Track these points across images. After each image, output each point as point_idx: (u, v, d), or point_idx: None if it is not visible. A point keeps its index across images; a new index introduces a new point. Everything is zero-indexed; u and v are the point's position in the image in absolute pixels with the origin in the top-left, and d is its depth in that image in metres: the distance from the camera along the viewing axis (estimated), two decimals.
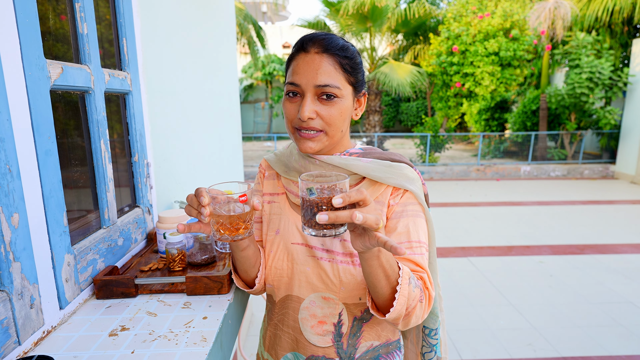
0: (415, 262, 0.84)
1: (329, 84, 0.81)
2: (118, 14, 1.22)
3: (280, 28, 18.72)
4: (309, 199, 0.65)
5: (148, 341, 0.82)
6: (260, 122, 18.15)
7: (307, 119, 0.82)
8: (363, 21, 10.27)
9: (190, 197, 0.76)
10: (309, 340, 0.91)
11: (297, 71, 0.83)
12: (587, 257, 4.41)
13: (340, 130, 0.86)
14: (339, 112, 0.84)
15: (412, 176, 0.90)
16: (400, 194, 0.89)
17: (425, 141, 9.95)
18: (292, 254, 0.91)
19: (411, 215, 0.87)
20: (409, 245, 0.85)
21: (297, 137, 0.86)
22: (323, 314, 0.89)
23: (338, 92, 0.82)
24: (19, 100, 0.78)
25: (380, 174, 0.88)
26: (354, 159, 0.90)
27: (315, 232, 0.66)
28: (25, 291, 0.78)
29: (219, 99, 2.48)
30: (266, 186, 1.02)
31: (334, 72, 0.82)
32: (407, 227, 0.86)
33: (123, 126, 1.29)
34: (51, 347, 0.80)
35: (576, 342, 2.78)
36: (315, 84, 0.81)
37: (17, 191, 0.77)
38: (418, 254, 0.84)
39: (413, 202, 0.88)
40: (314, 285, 0.88)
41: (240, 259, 0.90)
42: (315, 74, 0.81)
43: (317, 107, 0.83)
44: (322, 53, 0.82)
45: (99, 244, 1.06)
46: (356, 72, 0.86)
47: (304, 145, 0.85)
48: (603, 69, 8.53)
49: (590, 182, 8.89)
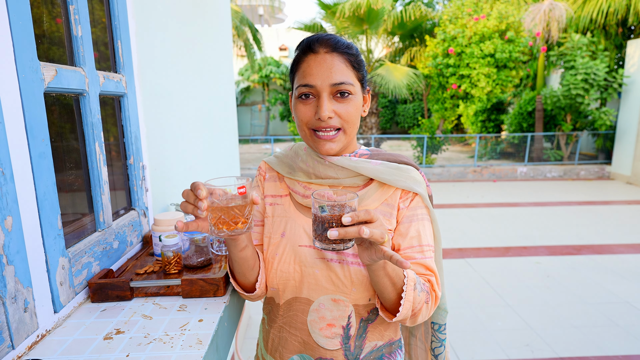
0: (426, 266, 0.87)
1: (344, 82, 0.83)
2: (113, 16, 1.22)
3: (277, 31, 18.75)
4: (321, 215, 0.69)
5: (143, 344, 0.81)
6: (257, 125, 18.16)
7: (327, 118, 0.82)
8: (359, 23, 10.29)
9: (186, 192, 0.72)
10: (317, 343, 0.90)
11: (310, 72, 0.84)
12: (584, 257, 4.42)
13: (356, 127, 0.88)
14: (355, 109, 0.86)
15: (419, 179, 0.92)
16: (410, 198, 0.90)
17: (422, 143, 9.98)
18: (300, 256, 0.89)
19: (420, 219, 0.89)
20: (420, 250, 0.88)
21: (315, 139, 0.87)
22: (332, 316, 0.89)
23: (352, 89, 0.84)
24: (13, 103, 0.78)
25: (389, 177, 0.89)
26: (363, 160, 0.90)
27: (325, 246, 0.71)
28: (19, 295, 0.78)
29: (215, 101, 2.48)
30: (267, 188, 1.00)
31: (345, 70, 0.84)
32: (418, 232, 0.88)
33: (118, 129, 1.29)
34: (45, 351, 0.80)
35: (573, 343, 2.79)
36: (332, 82, 0.82)
37: (11, 194, 0.76)
38: (428, 258, 0.88)
39: (421, 205, 0.91)
40: (323, 287, 0.88)
41: (238, 260, 0.88)
42: (330, 73, 0.82)
43: (334, 106, 0.84)
44: (331, 52, 0.84)
45: (94, 247, 1.05)
46: (362, 68, 0.88)
47: (324, 147, 0.86)
48: (598, 70, 8.58)
49: (586, 183, 8.93)
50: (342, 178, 0.90)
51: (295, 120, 0.89)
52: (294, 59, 0.90)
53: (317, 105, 0.84)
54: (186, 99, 1.91)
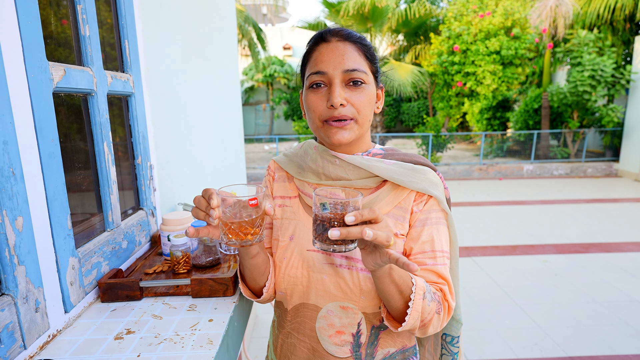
0: (438, 273, 0.82)
1: (357, 69, 0.80)
2: (120, 16, 1.22)
3: (281, 30, 18.75)
4: (322, 214, 0.66)
5: (154, 344, 0.81)
6: (262, 124, 18.17)
7: (339, 105, 0.79)
8: (363, 22, 10.27)
9: (197, 199, 0.72)
10: (327, 350, 0.87)
11: (322, 59, 0.81)
12: (592, 255, 4.38)
13: (368, 119, 0.85)
14: (368, 99, 0.82)
15: (435, 181, 0.86)
16: (424, 201, 0.86)
17: (427, 141, 9.93)
18: (308, 261, 0.86)
19: (435, 223, 0.85)
20: (432, 255, 0.83)
21: (327, 128, 0.82)
22: (341, 323, 0.85)
23: (365, 78, 0.81)
24: (22, 102, 0.78)
25: (404, 178, 0.84)
26: (376, 160, 0.86)
27: (325, 247, 0.67)
28: (30, 295, 0.78)
29: (221, 101, 2.48)
30: (276, 189, 0.97)
31: (359, 58, 0.81)
32: (431, 236, 0.83)
33: (126, 129, 1.29)
34: (57, 351, 0.80)
35: (582, 342, 2.76)
36: (344, 68, 0.80)
37: (21, 194, 0.76)
38: (441, 265, 0.83)
39: (436, 208, 0.86)
40: (331, 294, 0.84)
41: (250, 267, 0.86)
42: (342, 59, 0.80)
43: (346, 94, 0.80)
44: (344, 40, 0.82)
45: (103, 246, 1.05)
46: (375, 61, 0.86)
47: (337, 135, 0.81)
48: (605, 66, 8.50)
49: (593, 181, 8.85)
50: (353, 179, 0.86)
51: (307, 114, 0.86)
52: (305, 52, 0.87)
53: (329, 92, 0.81)
54: (193, 98, 1.91)
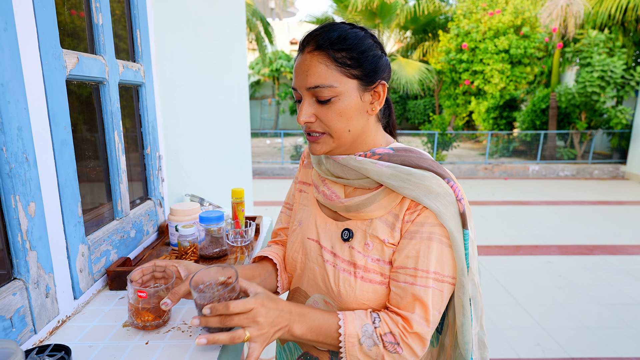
0: (415, 295, 0.73)
1: (319, 85, 0.74)
2: (132, 5, 1.22)
3: (288, 24, 18.68)
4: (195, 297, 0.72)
5: (162, 332, 0.82)
6: (267, 119, 18.16)
7: (304, 123, 0.78)
8: (371, 17, 10.22)
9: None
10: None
11: (295, 74, 0.79)
12: (597, 257, 4.36)
13: (346, 131, 0.78)
14: (337, 113, 0.76)
15: (437, 190, 0.74)
16: (418, 211, 0.76)
17: (433, 139, 9.89)
18: (307, 249, 0.89)
19: (426, 239, 0.75)
20: (413, 273, 0.74)
21: (308, 139, 0.83)
22: None
23: (332, 92, 0.74)
24: (36, 89, 0.78)
25: (394, 182, 0.76)
26: (369, 161, 0.80)
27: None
28: (41, 280, 0.79)
29: (229, 94, 2.48)
30: (302, 174, 1.00)
31: (325, 71, 0.74)
32: (417, 252, 0.75)
33: (135, 118, 1.29)
34: (66, 336, 0.80)
35: (585, 343, 2.75)
36: (307, 86, 0.76)
37: (34, 180, 0.77)
38: (420, 286, 0.73)
39: (432, 222, 0.75)
40: (318, 285, 0.85)
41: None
42: (305, 76, 0.75)
43: (315, 110, 0.77)
44: (313, 51, 0.75)
45: (112, 235, 1.06)
46: (361, 62, 0.75)
47: (312, 148, 0.82)
48: (615, 67, 8.40)
49: (600, 183, 8.78)
50: (351, 179, 0.83)
51: None
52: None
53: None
54: (201, 90, 1.91)
